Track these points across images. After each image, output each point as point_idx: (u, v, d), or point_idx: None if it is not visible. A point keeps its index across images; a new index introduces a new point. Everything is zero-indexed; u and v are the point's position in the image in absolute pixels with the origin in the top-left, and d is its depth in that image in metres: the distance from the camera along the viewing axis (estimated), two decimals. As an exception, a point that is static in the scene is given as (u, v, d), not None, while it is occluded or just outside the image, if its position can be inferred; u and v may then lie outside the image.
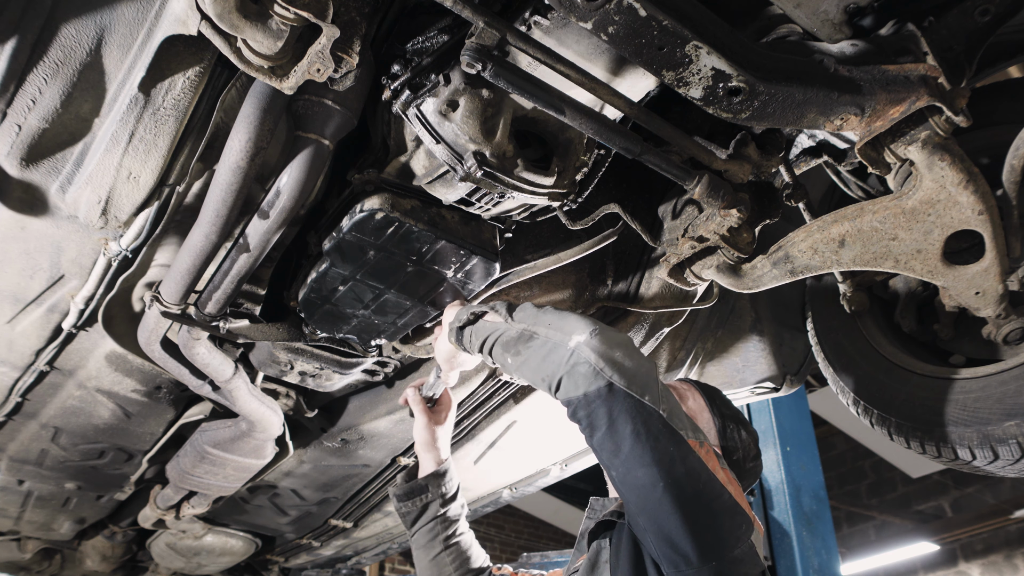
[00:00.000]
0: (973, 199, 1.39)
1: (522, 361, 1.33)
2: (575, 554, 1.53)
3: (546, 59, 1.22)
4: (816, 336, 2.16)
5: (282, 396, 2.38)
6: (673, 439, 1.15)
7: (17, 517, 3.16)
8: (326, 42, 1.20)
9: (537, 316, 1.38)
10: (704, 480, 1.14)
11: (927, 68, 1.30)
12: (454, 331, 1.55)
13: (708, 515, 1.11)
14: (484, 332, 1.46)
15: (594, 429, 1.18)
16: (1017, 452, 1.59)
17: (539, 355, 1.29)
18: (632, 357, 1.24)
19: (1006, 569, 8.50)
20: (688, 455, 1.15)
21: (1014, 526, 8.43)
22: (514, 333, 1.37)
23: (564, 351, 1.24)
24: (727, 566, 1.10)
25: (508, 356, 1.37)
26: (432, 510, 1.76)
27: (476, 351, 1.49)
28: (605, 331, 1.25)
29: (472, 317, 1.52)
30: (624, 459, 1.15)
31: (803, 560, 3.82)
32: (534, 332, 1.33)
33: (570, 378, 1.21)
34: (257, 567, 3.90)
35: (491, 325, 1.46)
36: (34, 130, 1.41)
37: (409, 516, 1.78)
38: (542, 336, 1.31)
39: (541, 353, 1.28)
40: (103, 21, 1.28)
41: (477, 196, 1.51)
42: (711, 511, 1.12)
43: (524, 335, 1.35)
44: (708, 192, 1.50)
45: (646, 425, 1.15)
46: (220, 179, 1.45)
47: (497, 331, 1.43)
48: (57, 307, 1.91)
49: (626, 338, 1.28)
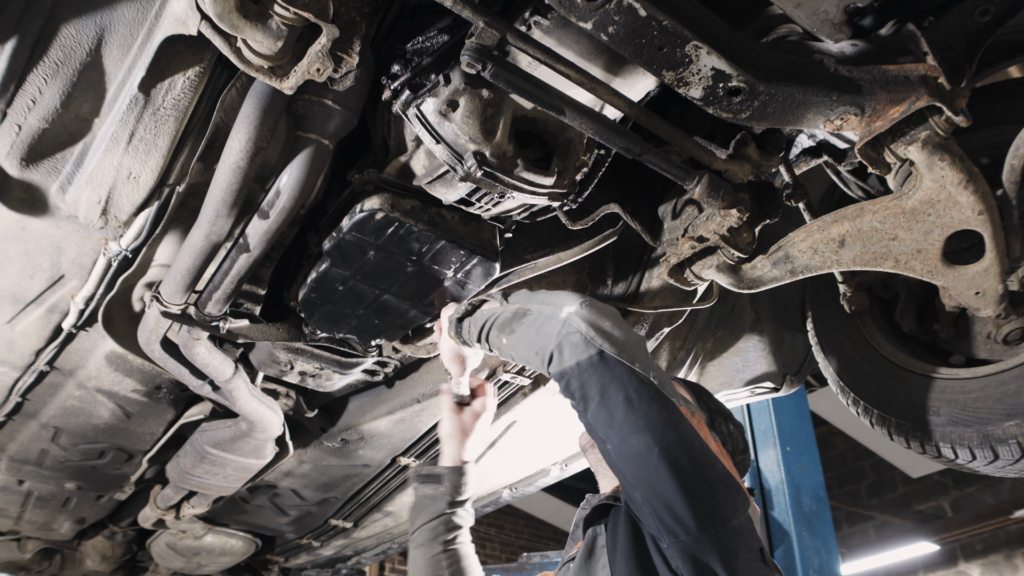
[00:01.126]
0: (973, 199, 1.39)
1: (516, 338, 1.34)
2: (570, 543, 1.52)
3: (546, 59, 1.22)
4: (816, 336, 2.16)
5: (282, 396, 2.38)
6: (665, 405, 1.16)
7: (17, 517, 3.16)
8: (326, 42, 1.20)
9: (531, 296, 1.40)
10: (698, 448, 1.14)
11: (927, 68, 1.30)
12: (453, 324, 1.54)
13: (704, 483, 1.11)
14: (481, 319, 1.46)
15: (587, 401, 1.19)
16: (1017, 452, 1.59)
17: (532, 329, 1.30)
18: (621, 327, 1.24)
19: (1006, 569, 8.51)
20: (681, 421, 1.15)
21: (1014, 526, 8.43)
22: (508, 313, 1.39)
23: (556, 322, 1.25)
24: (726, 536, 1.10)
25: (503, 336, 1.38)
26: (439, 505, 1.69)
27: (475, 341, 1.48)
28: (594, 303, 1.27)
29: (470, 308, 1.52)
30: (618, 428, 1.14)
31: (803, 560, 3.82)
32: (527, 309, 1.34)
33: (562, 349, 1.22)
34: (257, 567, 3.90)
35: (487, 312, 1.47)
36: (34, 130, 1.41)
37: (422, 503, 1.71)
38: (535, 311, 1.32)
39: (534, 327, 1.29)
40: (103, 21, 1.28)
41: (477, 196, 1.51)
42: (706, 480, 1.12)
43: (518, 313, 1.36)
44: (708, 192, 1.50)
45: (638, 392, 1.15)
46: (220, 179, 1.45)
47: (493, 315, 1.43)
48: (57, 307, 1.91)
49: (614, 310, 1.29)
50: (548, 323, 1.27)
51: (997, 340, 1.69)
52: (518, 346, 1.35)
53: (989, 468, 1.67)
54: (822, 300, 2.16)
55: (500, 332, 1.40)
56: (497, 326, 1.41)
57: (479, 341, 1.47)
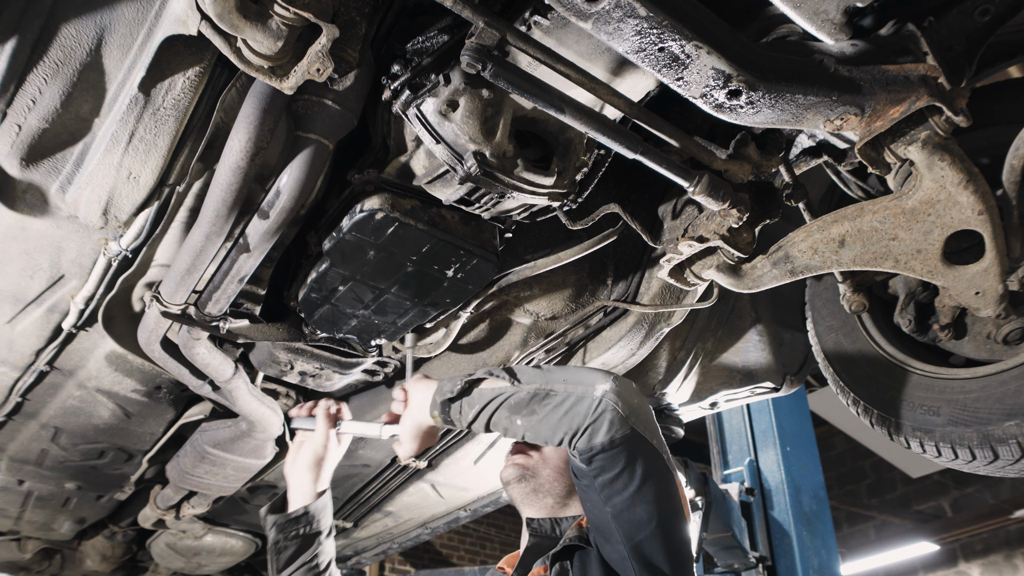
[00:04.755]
0: (973, 199, 1.39)
1: (539, 419, 1.31)
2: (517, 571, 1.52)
3: (546, 59, 1.22)
4: (816, 336, 2.16)
5: (282, 396, 2.38)
6: (671, 480, 1.31)
7: (17, 517, 3.16)
8: (326, 42, 1.20)
9: (547, 375, 1.37)
10: (680, 516, 1.31)
11: (927, 68, 1.30)
12: (439, 405, 1.43)
13: (680, 551, 1.28)
14: (483, 399, 1.38)
15: (605, 472, 1.26)
16: (1017, 452, 1.59)
17: (561, 410, 1.30)
18: (644, 402, 1.34)
19: (1006, 569, 8.51)
20: (675, 492, 1.31)
21: (1014, 526, 8.43)
22: (524, 395, 1.33)
23: (590, 401, 1.27)
24: None
25: (518, 418, 1.33)
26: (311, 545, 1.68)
27: (466, 422, 1.40)
28: (622, 380, 1.32)
29: (466, 386, 1.40)
30: (629, 497, 1.25)
31: (803, 560, 3.82)
32: (550, 390, 1.32)
33: (598, 428, 1.26)
34: (257, 567, 3.90)
35: (492, 391, 1.37)
36: (34, 130, 1.41)
37: (286, 552, 1.67)
38: (561, 392, 1.31)
39: (563, 408, 1.29)
40: (103, 21, 1.28)
41: (477, 196, 1.51)
42: (683, 544, 1.29)
43: (539, 394, 1.32)
44: (708, 192, 1.50)
45: (655, 467, 1.28)
46: (220, 179, 1.45)
47: (502, 395, 1.36)
48: (57, 307, 1.90)
49: (637, 387, 1.37)
50: (580, 403, 1.28)
51: (997, 340, 1.69)
52: (539, 427, 1.32)
53: (989, 468, 1.67)
54: (822, 300, 2.16)
55: (513, 414, 1.34)
56: (508, 407, 1.35)
57: (474, 421, 1.39)
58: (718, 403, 2.64)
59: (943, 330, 1.80)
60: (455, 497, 3.02)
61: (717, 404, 2.65)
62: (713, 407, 2.68)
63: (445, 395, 1.42)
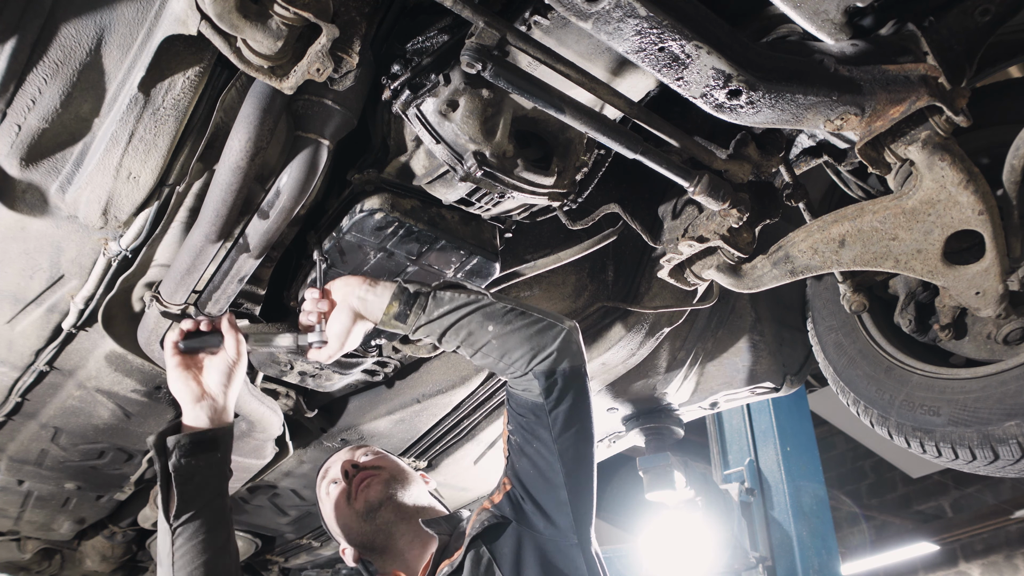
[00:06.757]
0: (973, 199, 1.39)
1: (511, 330, 1.38)
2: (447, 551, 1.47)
3: (546, 59, 1.22)
4: (816, 336, 2.16)
5: (282, 396, 2.38)
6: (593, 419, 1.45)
7: (17, 517, 3.15)
8: (326, 42, 1.20)
9: (518, 301, 1.46)
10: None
11: (927, 68, 1.30)
12: (401, 295, 1.37)
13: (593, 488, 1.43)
14: (454, 302, 1.38)
15: (561, 400, 1.38)
16: (1017, 452, 1.59)
17: (534, 328, 1.40)
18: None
19: (1006, 569, 8.50)
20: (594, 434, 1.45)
21: (1014, 526, 8.42)
22: (500, 307, 1.41)
23: (560, 328, 1.41)
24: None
25: (490, 324, 1.38)
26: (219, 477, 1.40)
27: (425, 320, 1.36)
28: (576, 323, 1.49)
29: (443, 284, 1.42)
30: (576, 431, 1.38)
31: (803, 560, 3.82)
32: (524, 310, 1.42)
33: (562, 353, 1.39)
34: (257, 567, 3.90)
35: (465, 297, 1.39)
36: (34, 130, 1.41)
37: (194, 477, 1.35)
38: (534, 315, 1.42)
39: (536, 327, 1.40)
40: (103, 21, 1.28)
41: (477, 196, 1.51)
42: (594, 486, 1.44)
43: (516, 310, 1.41)
44: (708, 192, 1.50)
45: (590, 406, 1.43)
46: (220, 179, 1.45)
47: (478, 302, 1.39)
48: (57, 307, 1.90)
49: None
50: (551, 328, 1.40)
51: (997, 340, 1.69)
52: (508, 338, 1.38)
53: (989, 468, 1.67)
54: (822, 300, 2.16)
55: (487, 320, 1.38)
56: (484, 313, 1.39)
57: (433, 321, 1.37)
58: (718, 403, 2.64)
59: (943, 330, 1.80)
60: (455, 497, 3.02)
61: (717, 404, 2.65)
62: (713, 407, 2.68)
63: (408, 289, 1.39)
